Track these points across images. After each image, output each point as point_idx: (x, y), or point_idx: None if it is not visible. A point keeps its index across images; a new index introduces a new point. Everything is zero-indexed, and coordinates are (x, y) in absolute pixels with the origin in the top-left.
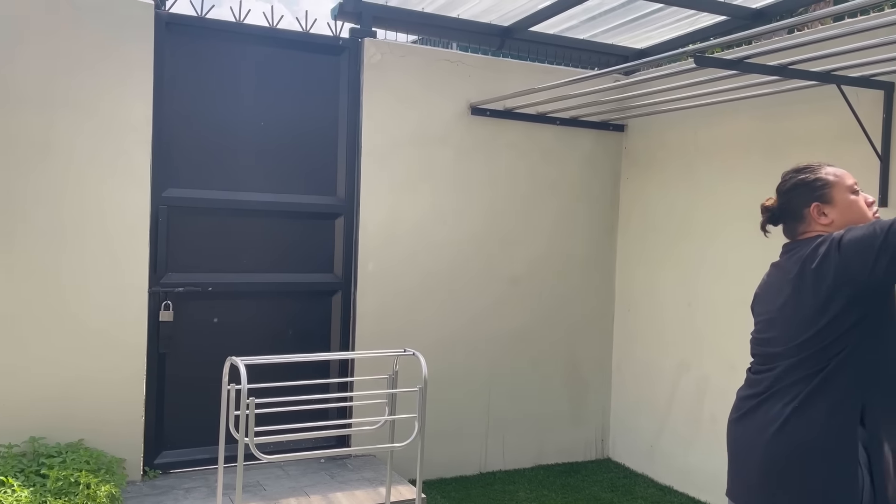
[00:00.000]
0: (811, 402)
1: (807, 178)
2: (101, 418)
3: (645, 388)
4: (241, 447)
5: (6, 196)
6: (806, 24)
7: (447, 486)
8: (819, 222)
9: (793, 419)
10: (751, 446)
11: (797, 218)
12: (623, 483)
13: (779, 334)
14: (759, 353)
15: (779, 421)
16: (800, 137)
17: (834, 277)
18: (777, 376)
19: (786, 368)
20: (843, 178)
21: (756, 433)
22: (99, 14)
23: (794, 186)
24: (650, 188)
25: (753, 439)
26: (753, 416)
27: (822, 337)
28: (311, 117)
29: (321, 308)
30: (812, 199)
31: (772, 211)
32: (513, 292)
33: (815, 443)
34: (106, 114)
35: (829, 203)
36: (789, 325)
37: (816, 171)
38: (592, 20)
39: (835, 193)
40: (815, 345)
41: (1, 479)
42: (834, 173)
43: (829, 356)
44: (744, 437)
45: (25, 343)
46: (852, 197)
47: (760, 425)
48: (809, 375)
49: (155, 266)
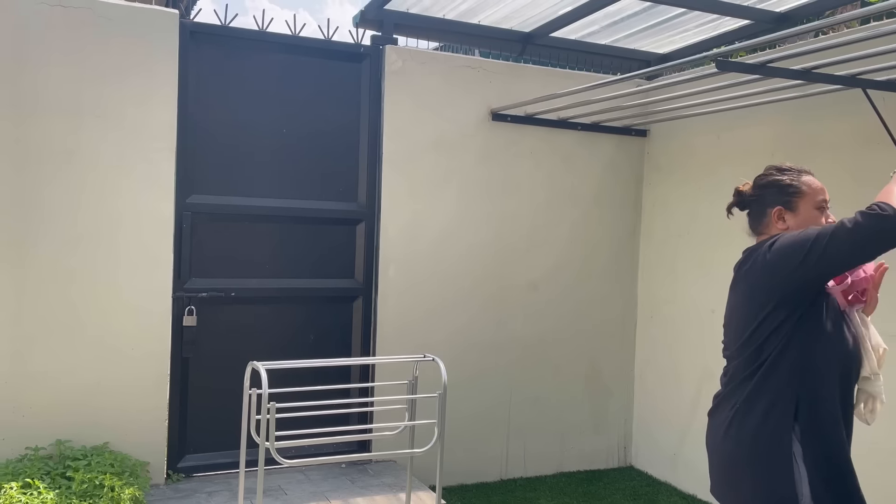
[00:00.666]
0: (750, 402)
1: (783, 181)
2: (126, 422)
3: (668, 396)
4: (262, 451)
5: (33, 203)
6: (831, 28)
7: (467, 493)
8: (776, 225)
9: (736, 419)
10: (711, 444)
11: (761, 213)
12: (646, 491)
13: (729, 338)
14: (725, 357)
15: (727, 421)
16: (825, 142)
17: (761, 279)
18: (729, 378)
19: (734, 370)
20: (815, 192)
21: (714, 432)
22: (125, 24)
23: (769, 184)
24: (673, 193)
25: (712, 438)
26: (715, 415)
27: (756, 336)
28: (333, 124)
29: (342, 313)
30: (779, 202)
31: (743, 196)
32: (534, 298)
33: (753, 441)
34: (131, 121)
35: (793, 211)
36: (734, 328)
37: (795, 177)
38: (614, 25)
39: (801, 204)
40: (752, 345)
41: (28, 481)
42: (809, 184)
43: (764, 355)
44: (710, 435)
45: (52, 348)
46: (815, 212)
47: (717, 424)
48: (749, 375)
49: (179, 271)
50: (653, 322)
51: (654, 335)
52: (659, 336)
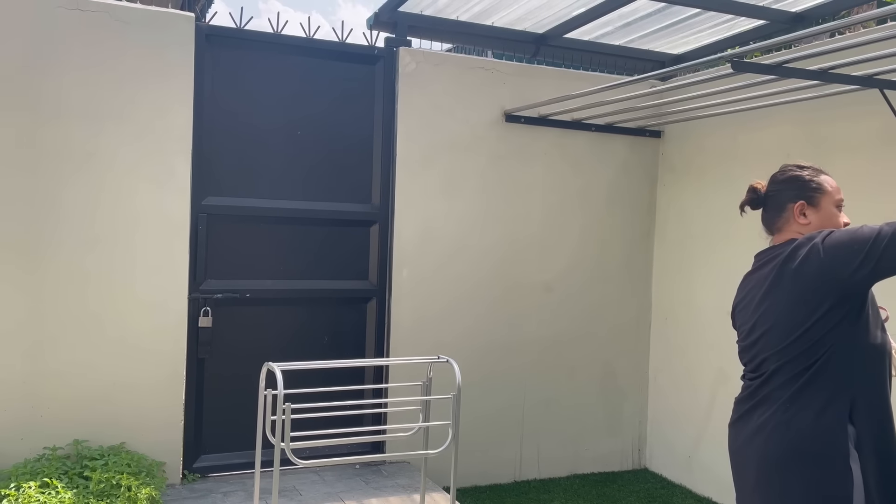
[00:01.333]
0: (801, 404)
1: (804, 177)
2: (142, 422)
3: (683, 398)
4: (278, 452)
5: (52, 204)
6: (847, 28)
7: (481, 494)
8: (797, 221)
9: (782, 420)
10: (747, 451)
11: (779, 209)
12: (660, 494)
13: (764, 340)
14: (748, 360)
15: (769, 422)
16: (842, 142)
17: (817, 279)
18: (766, 380)
19: (774, 372)
20: (835, 191)
21: (750, 437)
22: (142, 27)
23: (791, 179)
24: (687, 195)
25: (749, 444)
26: (748, 420)
27: (808, 338)
28: (347, 126)
29: (356, 315)
30: (801, 196)
31: (757, 194)
32: (548, 300)
33: (806, 444)
34: (148, 124)
35: (815, 207)
36: (774, 329)
37: (817, 175)
38: (628, 26)
39: (823, 201)
40: (802, 346)
41: (46, 481)
42: (830, 183)
43: (816, 356)
44: (740, 441)
45: (69, 348)
46: (835, 210)
47: (754, 429)
48: (797, 376)
49: (195, 273)
50: (667, 324)
51: (669, 337)
52: (673, 338)
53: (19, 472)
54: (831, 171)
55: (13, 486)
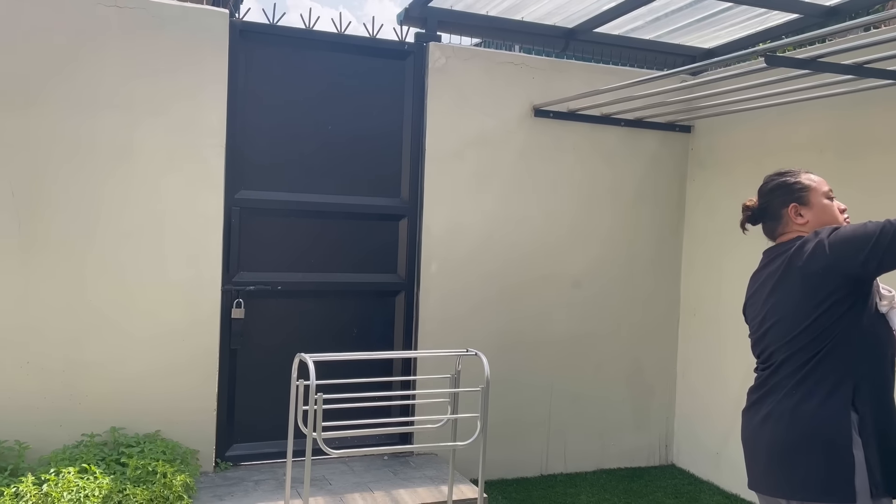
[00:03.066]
0: (805, 392)
1: (787, 181)
2: (176, 411)
3: (711, 394)
4: (310, 442)
5: (89, 198)
6: (882, 22)
7: (508, 487)
8: (795, 222)
9: (788, 406)
10: (756, 438)
11: (776, 217)
12: (688, 490)
13: (773, 333)
14: (759, 353)
15: (776, 409)
16: (876, 138)
17: (823, 273)
18: (774, 370)
19: (782, 362)
20: (820, 184)
21: (760, 425)
22: (177, 23)
23: (775, 188)
24: (717, 190)
25: (759, 431)
26: (759, 408)
27: (814, 328)
28: (377, 121)
29: (385, 308)
30: (791, 200)
31: (752, 210)
32: (576, 295)
33: (811, 430)
34: (182, 119)
35: (806, 205)
36: (782, 322)
37: (796, 176)
38: (658, 20)
39: (812, 197)
40: (808, 337)
41: (84, 467)
42: (812, 178)
43: (820, 345)
44: (751, 428)
45: (106, 338)
46: (826, 202)
47: (764, 417)
48: (802, 365)
49: (227, 265)
50: (696, 320)
51: (698, 333)
52: (702, 334)
53: (59, 458)
54: (864, 167)
55: (53, 472)
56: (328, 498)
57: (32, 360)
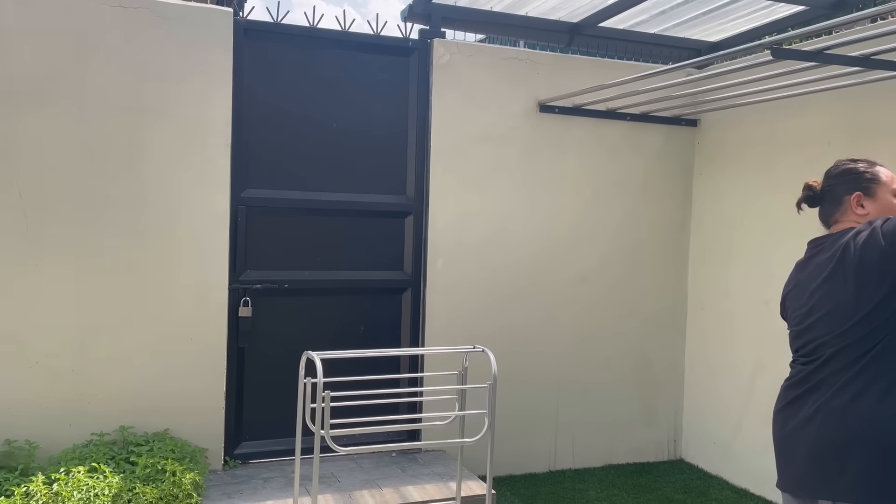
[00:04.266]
0: (859, 389)
1: (858, 168)
2: (185, 409)
3: (719, 389)
4: (318, 439)
5: (97, 198)
6: (889, 13)
7: (516, 483)
8: (855, 212)
9: (840, 407)
10: (799, 437)
11: (836, 202)
12: (696, 485)
13: (821, 325)
14: (801, 346)
15: (826, 409)
16: (885, 130)
17: (879, 263)
18: (821, 365)
19: (831, 356)
20: (891, 180)
21: (803, 424)
22: (182, 23)
23: (845, 172)
24: (724, 184)
25: (801, 430)
26: (800, 406)
27: (868, 322)
28: (382, 118)
29: (392, 305)
30: (857, 188)
31: (813, 191)
32: (583, 290)
33: (867, 430)
34: (188, 118)
35: (872, 197)
36: (833, 314)
37: (871, 166)
38: (663, 14)
39: (880, 191)
40: (861, 331)
41: (94, 466)
42: (885, 174)
43: (875, 341)
44: (790, 427)
45: (115, 338)
46: (892, 199)
47: (808, 415)
48: (855, 360)
49: (234, 264)
50: (704, 314)
51: (705, 327)
52: (710, 328)
53: (68, 457)
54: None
55: (63, 471)
56: (337, 495)
57: (41, 361)
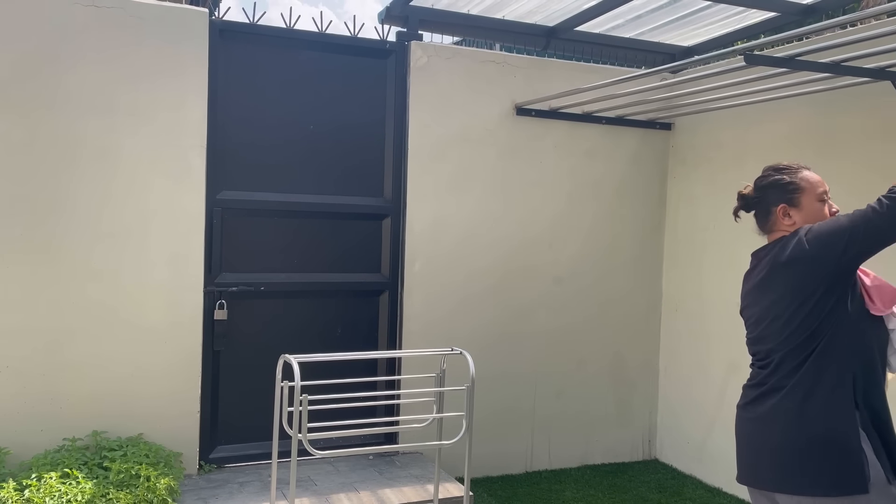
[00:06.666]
0: (807, 387)
1: (782, 180)
2: (159, 414)
3: (693, 390)
4: (295, 443)
5: (68, 199)
6: (858, 21)
7: (493, 485)
8: (783, 222)
9: (793, 406)
10: (760, 435)
11: (765, 213)
12: (671, 484)
13: (768, 332)
14: (756, 351)
15: (783, 411)
16: (853, 135)
17: (805, 270)
18: (773, 370)
19: (780, 361)
20: (815, 185)
21: (763, 423)
22: (157, 23)
23: (769, 185)
24: (698, 187)
25: (763, 429)
26: (759, 405)
27: (806, 326)
28: (359, 120)
29: (369, 307)
30: (782, 200)
31: (746, 199)
32: (558, 292)
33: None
34: (163, 119)
35: (796, 207)
36: (775, 321)
37: (793, 174)
38: (638, 19)
39: (803, 199)
40: (802, 334)
41: (66, 472)
42: (808, 179)
43: (817, 341)
44: (751, 425)
45: (87, 341)
46: (818, 204)
47: (767, 416)
48: (800, 363)
49: (210, 266)
50: (677, 315)
51: (679, 329)
52: (684, 329)
53: (40, 463)
54: (842, 163)
55: (34, 477)
56: (314, 499)
57: (12, 365)
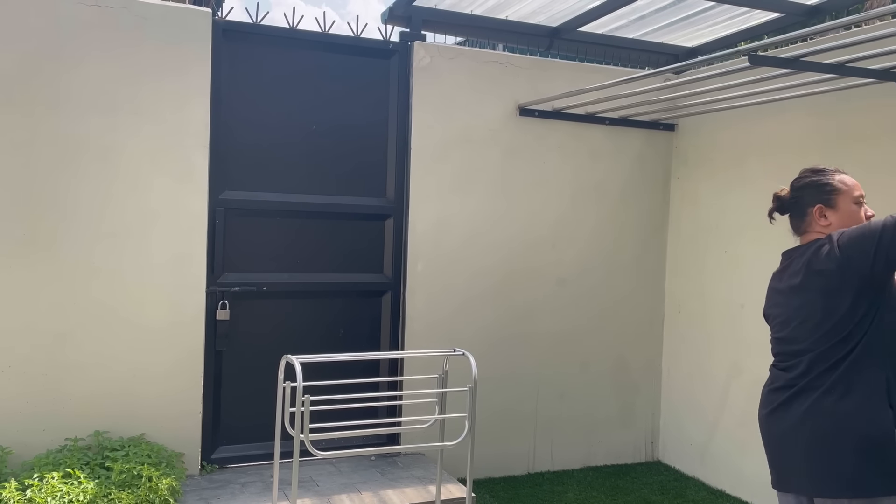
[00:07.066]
0: (842, 388)
1: (819, 181)
2: (161, 414)
3: (696, 391)
4: (297, 443)
5: (70, 199)
6: (863, 21)
7: (495, 486)
8: (819, 223)
9: (829, 406)
10: (792, 436)
11: (801, 214)
12: (674, 486)
13: (799, 332)
14: (782, 352)
15: (817, 410)
16: (858, 136)
17: (838, 274)
18: (804, 370)
19: (811, 362)
20: (851, 188)
21: (796, 424)
22: (160, 23)
23: (805, 185)
24: (701, 188)
25: (795, 430)
26: (788, 408)
27: (840, 329)
28: (362, 120)
29: (371, 308)
30: (818, 200)
31: (782, 201)
32: (561, 293)
33: (854, 425)
34: (166, 119)
35: (833, 208)
36: (807, 323)
37: (830, 176)
38: (642, 19)
39: (840, 201)
40: (835, 337)
41: (68, 472)
42: (844, 182)
43: (849, 345)
44: (783, 427)
45: (89, 341)
46: (854, 207)
47: (800, 416)
48: (834, 365)
49: (212, 266)
50: (681, 317)
51: (682, 330)
52: (687, 331)
53: (42, 463)
54: (847, 165)
55: (36, 477)
56: (316, 499)
57: (14, 365)
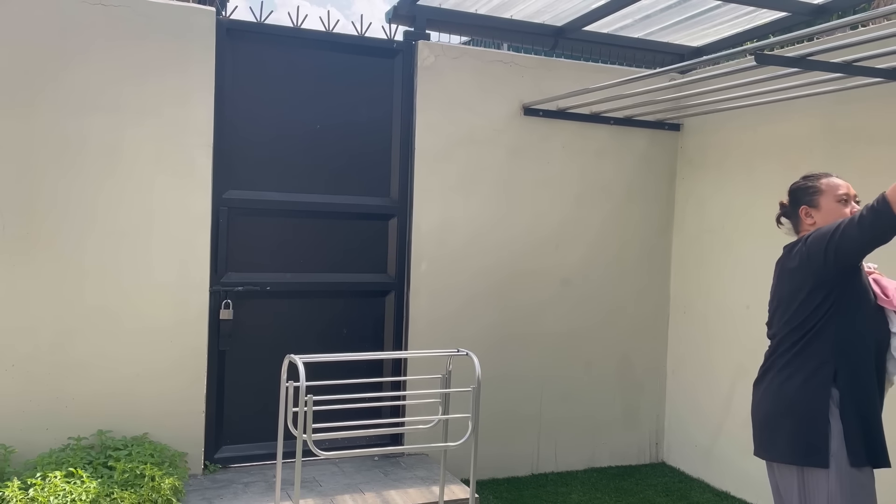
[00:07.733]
0: (791, 369)
1: (805, 184)
2: (164, 413)
3: (701, 392)
4: (300, 443)
5: (75, 199)
6: (869, 20)
7: (499, 487)
8: (805, 222)
9: (776, 383)
10: (756, 409)
11: (794, 215)
12: (678, 487)
13: (773, 319)
14: (769, 335)
15: (768, 385)
16: (865, 136)
17: (802, 269)
18: (769, 353)
19: (776, 344)
20: (833, 188)
21: (760, 397)
22: (164, 22)
23: (795, 189)
24: (706, 188)
25: (758, 401)
26: (760, 383)
27: (798, 315)
28: (366, 120)
29: (375, 308)
30: (803, 202)
31: (783, 206)
32: (566, 293)
33: (793, 402)
34: (170, 118)
35: (815, 208)
36: (779, 308)
37: (814, 180)
38: (647, 18)
39: (821, 200)
40: (793, 322)
41: (71, 471)
42: (827, 183)
43: (804, 330)
44: (753, 403)
45: (93, 340)
46: (836, 205)
47: (763, 390)
48: (790, 347)
49: (216, 266)
50: (686, 317)
51: (687, 331)
52: (692, 332)
53: (45, 462)
54: (853, 165)
55: (39, 476)
56: (318, 499)
57: (17, 363)
